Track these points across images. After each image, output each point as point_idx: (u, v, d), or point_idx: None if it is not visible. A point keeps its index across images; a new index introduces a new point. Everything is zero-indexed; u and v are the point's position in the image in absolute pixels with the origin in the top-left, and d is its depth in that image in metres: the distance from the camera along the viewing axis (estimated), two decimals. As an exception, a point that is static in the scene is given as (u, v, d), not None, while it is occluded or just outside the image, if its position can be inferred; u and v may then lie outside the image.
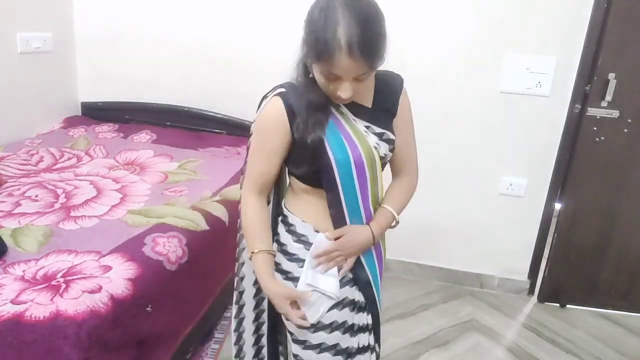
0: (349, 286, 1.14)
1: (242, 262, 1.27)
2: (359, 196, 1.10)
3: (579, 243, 2.41)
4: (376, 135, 1.10)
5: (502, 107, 2.33)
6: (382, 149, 1.10)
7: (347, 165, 1.06)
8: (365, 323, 1.17)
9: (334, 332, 1.11)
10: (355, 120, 1.09)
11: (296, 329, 1.12)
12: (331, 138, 1.05)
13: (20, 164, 2.06)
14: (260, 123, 1.11)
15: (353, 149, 1.06)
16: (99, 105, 2.77)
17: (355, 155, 1.06)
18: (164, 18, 2.57)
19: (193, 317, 1.65)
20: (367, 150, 1.07)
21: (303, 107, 1.04)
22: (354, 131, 1.07)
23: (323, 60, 0.92)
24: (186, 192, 1.90)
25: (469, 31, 2.28)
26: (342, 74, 0.93)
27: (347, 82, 0.96)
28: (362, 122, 1.09)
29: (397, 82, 1.15)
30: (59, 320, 1.10)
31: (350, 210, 1.11)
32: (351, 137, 1.06)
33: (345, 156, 1.05)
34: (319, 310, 1.10)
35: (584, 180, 2.32)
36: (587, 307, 2.50)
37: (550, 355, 2.10)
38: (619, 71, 2.14)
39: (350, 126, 1.07)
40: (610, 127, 2.22)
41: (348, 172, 1.07)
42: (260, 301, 1.30)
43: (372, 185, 1.11)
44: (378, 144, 1.09)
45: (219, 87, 2.61)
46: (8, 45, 2.30)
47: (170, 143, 2.43)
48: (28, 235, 1.45)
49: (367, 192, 1.11)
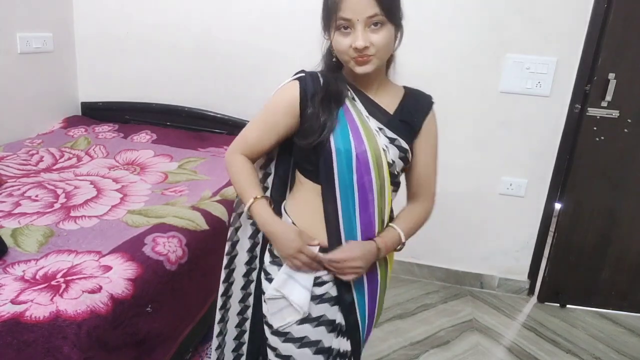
0: (329, 304, 1.08)
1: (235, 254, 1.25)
2: (356, 198, 1.04)
3: (579, 243, 2.41)
4: (388, 139, 1.05)
5: (502, 107, 2.33)
6: (390, 153, 1.04)
7: (348, 158, 1.02)
8: (344, 350, 1.10)
9: (304, 349, 1.06)
10: (369, 118, 1.06)
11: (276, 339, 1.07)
12: (337, 129, 1.03)
13: (20, 164, 2.06)
14: (273, 99, 1.10)
15: (358, 143, 1.02)
16: (99, 105, 2.76)
17: (360, 150, 1.01)
18: (164, 18, 2.57)
19: (193, 317, 1.65)
20: (374, 148, 1.02)
21: (318, 95, 1.04)
22: (364, 127, 1.04)
23: (332, 8, 0.96)
24: (186, 192, 1.90)
25: (469, 31, 2.28)
26: (352, 15, 0.94)
27: (361, 28, 0.95)
28: (376, 122, 1.06)
29: (426, 102, 1.12)
30: (59, 320, 1.10)
31: (344, 210, 1.04)
32: (359, 132, 1.03)
33: (347, 148, 1.02)
34: (285, 319, 1.05)
35: (584, 180, 2.32)
36: (587, 307, 2.50)
37: (550, 355, 2.10)
38: (619, 71, 2.14)
39: (361, 122, 1.04)
40: (610, 127, 2.22)
41: (348, 166, 1.02)
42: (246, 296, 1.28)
43: (378, 195, 1.05)
44: (387, 147, 1.04)
45: (219, 87, 2.61)
46: (8, 45, 2.30)
47: (170, 143, 2.43)
48: (28, 235, 1.45)
49: (369, 199, 1.04)
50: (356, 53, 0.97)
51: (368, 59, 0.99)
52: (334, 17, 0.97)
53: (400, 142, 1.06)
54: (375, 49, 0.98)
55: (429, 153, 1.12)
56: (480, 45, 2.28)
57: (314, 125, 1.02)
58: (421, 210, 1.14)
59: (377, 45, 0.97)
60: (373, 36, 0.96)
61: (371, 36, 0.96)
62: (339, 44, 0.99)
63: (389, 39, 0.99)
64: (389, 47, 1.01)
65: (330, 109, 1.03)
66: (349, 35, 0.97)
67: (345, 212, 1.04)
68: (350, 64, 1.01)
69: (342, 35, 0.98)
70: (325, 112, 1.02)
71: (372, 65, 1.00)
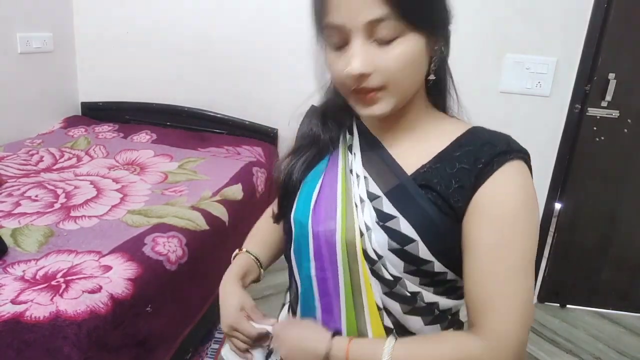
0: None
1: None
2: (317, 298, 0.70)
3: (579, 243, 2.41)
4: (378, 214, 0.65)
5: (502, 107, 2.33)
6: (374, 240, 0.64)
7: (303, 236, 0.70)
8: None
9: None
10: (359, 179, 0.68)
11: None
12: (305, 186, 0.73)
13: (20, 164, 2.06)
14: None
15: (325, 216, 0.68)
16: (99, 105, 2.76)
17: (324, 227, 0.67)
18: (164, 18, 2.57)
19: (193, 317, 1.65)
20: (346, 229, 0.66)
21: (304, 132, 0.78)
22: (344, 191, 0.69)
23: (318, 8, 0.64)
24: (186, 192, 1.90)
25: (469, 31, 2.27)
26: (344, 21, 0.60)
27: (357, 41, 0.60)
28: (374, 186, 0.67)
29: (490, 150, 0.64)
30: (59, 320, 1.09)
31: (303, 309, 0.74)
32: (334, 199, 0.69)
33: (304, 221, 0.70)
34: None
35: (584, 180, 2.32)
36: (587, 307, 2.50)
37: (550, 355, 2.10)
38: (619, 71, 2.14)
39: (343, 181, 0.70)
40: (610, 127, 2.22)
41: (304, 249, 0.70)
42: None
43: (347, 299, 0.67)
44: (369, 229, 0.64)
45: (219, 87, 2.61)
46: (8, 45, 2.30)
47: (170, 143, 2.43)
48: (28, 235, 1.45)
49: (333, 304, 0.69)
50: (353, 84, 0.62)
51: (374, 95, 0.62)
52: (321, 24, 0.64)
53: (399, 224, 0.63)
54: (385, 78, 0.61)
55: (489, 249, 0.61)
56: (480, 45, 2.28)
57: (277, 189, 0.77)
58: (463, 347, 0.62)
59: (388, 72, 0.61)
60: (381, 56, 0.60)
61: (378, 56, 0.60)
62: (330, 69, 0.66)
63: (411, 58, 0.61)
64: (414, 72, 0.64)
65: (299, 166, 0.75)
66: (344, 55, 0.62)
67: (304, 301, 0.74)
68: (352, 102, 0.67)
69: (334, 52, 0.64)
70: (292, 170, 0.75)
71: (383, 106, 0.64)
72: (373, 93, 0.62)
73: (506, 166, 0.63)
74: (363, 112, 0.65)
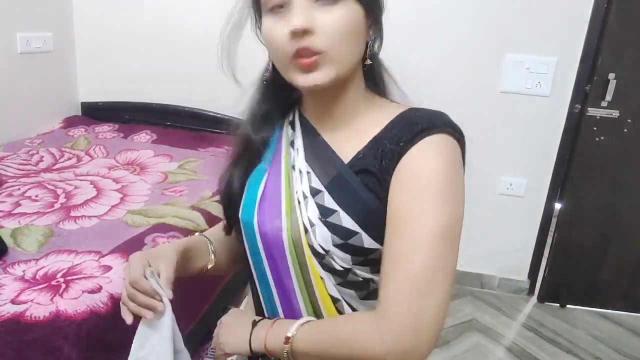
0: None
1: None
2: (273, 287, 0.71)
3: (579, 243, 2.41)
4: (320, 210, 0.65)
5: (502, 107, 2.33)
6: (318, 236, 0.64)
7: (251, 234, 0.71)
8: None
9: None
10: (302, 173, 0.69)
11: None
12: (249, 187, 0.74)
13: (20, 164, 2.06)
14: None
15: (270, 215, 0.68)
16: (99, 105, 2.76)
17: (270, 226, 0.68)
18: (164, 18, 2.57)
19: (193, 317, 1.65)
20: (291, 226, 0.66)
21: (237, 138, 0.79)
22: (287, 188, 0.69)
23: None
24: (186, 192, 1.90)
25: (469, 31, 2.28)
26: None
27: (298, 2, 0.60)
28: (316, 180, 0.67)
29: (411, 127, 0.63)
30: (59, 320, 1.09)
31: (265, 299, 0.74)
32: (278, 197, 0.69)
33: (249, 220, 0.70)
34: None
35: (584, 180, 2.32)
36: (587, 307, 2.50)
37: (550, 355, 2.10)
38: (619, 71, 2.14)
39: (287, 177, 0.70)
40: (610, 127, 2.22)
41: (253, 245, 0.72)
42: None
43: (302, 294, 0.68)
44: (313, 225, 0.65)
45: (219, 87, 2.60)
46: (8, 45, 2.30)
47: (170, 143, 2.43)
48: (28, 235, 1.45)
49: (295, 303, 0.70)
50: (294, 46, 0.60)
51: (316, 60, 0.61)
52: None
53: (340, 219, 0.63)
54: (327, 40, 0.60)
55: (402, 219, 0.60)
56: (480, 45, 2.28)
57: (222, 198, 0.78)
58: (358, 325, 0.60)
59: (330, 33, 0.60)
60: (323, 16, 0.60)
61: (319, 16, 0.60)
62: (269, 36, 0.64)
63: (352, 24, 0.61)
64: (353, 41, 0.63)
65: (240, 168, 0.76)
66: (284, 17, 0.61)
67: (267, 301, 0.74)
68: (290, 73, 0.64)
69: (272, 17, 0.63)
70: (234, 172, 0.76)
71: (324, 73, 0.62)
72: (314, 58, 0.61)
73: (425, 140, 0.62)
74: (302, 81, 0.63)
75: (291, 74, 0.64)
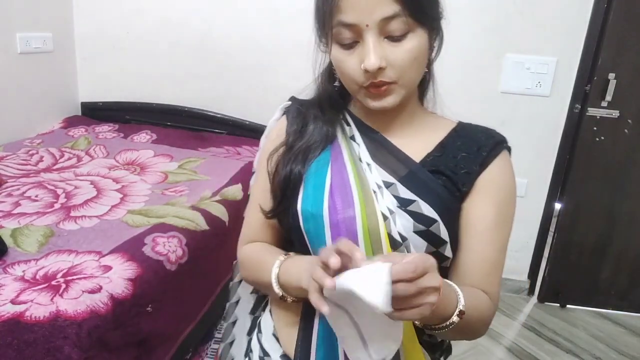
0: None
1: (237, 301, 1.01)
2: None
3: (579, 243, 2.41)
4: (397, 200, 0.68)
5: (502, 107, 2.33)
6: (398, 224, 0.67)
7: (318, 226, 0.68)
8: None
9: None
10: (371, 167, 0.71)
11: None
12: (311, 177, 0.72)
13: (20, 164, 2.06)
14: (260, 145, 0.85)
15: (343, 204, 0.68)
16: (99, 105, 2.76)
17: (342, 215, 0.67)
18: (164, 18, 2.57)
19: (193, 317, 1.65)
20: (367, 215, 0.67)
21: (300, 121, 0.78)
22: (358, 181, 0.69)
23: (327, 7, 0.65)
24: (186, 192, 1.90)
25: (469, 31, 2.28)
26: (357, 18, 0.63)
27: (372, 38, 0.64)
28: (385, 174, 0.71)
29: (489, 141, 0.72)
30: (59, 320, 1.09)
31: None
32: (348, 187, 0.69)
33: (317, 212, 0.68)
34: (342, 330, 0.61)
35: (584, 180, 2.32)
36: (587, 307, 2.50)
37: (550, 355, 2.10)
38: (619, 71, 2.14)
39: (355, 172, 0.71)
40: (610, 127, 2.22)
41: (319, 239, 0.69)
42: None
43: None
44: (393, 213, 0.67)
45: (219, 87, 2.61)
46: (8, 45, 2.30)
47: (170, 143, 2.43)
48: (28, 235, 1.45)
49: None
50: (368, 79, 0.66)
51: (387, 88, 0.67)
52: (330, 23, 0.66)
53: (420, 207, 0.67)
54: (398, 72, 0.66)
55: (490, 222, 0.70)
56: (480, 45, 2.28)
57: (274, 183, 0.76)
58: (485, 300, 0.71)
59: (400, 66, 0.66)
60: (393, 51, 0.65)
61: (390, 51, 0.65)
62: (340, 66, 0.69)
63: (419, 52, 0.67)
64: (420, 65, 0.69)
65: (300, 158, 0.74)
66: (355, 52, 0.66)
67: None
68: (360, 96, 0.70)
69: (344, 51, 0.68)
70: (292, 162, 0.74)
71: (394, 98, 0.69)
72: (385, 87, 0.67)
73: (503, 154, 0.73)
74: (373, 104, 0.69)
75: (362, 97, 0.71)
